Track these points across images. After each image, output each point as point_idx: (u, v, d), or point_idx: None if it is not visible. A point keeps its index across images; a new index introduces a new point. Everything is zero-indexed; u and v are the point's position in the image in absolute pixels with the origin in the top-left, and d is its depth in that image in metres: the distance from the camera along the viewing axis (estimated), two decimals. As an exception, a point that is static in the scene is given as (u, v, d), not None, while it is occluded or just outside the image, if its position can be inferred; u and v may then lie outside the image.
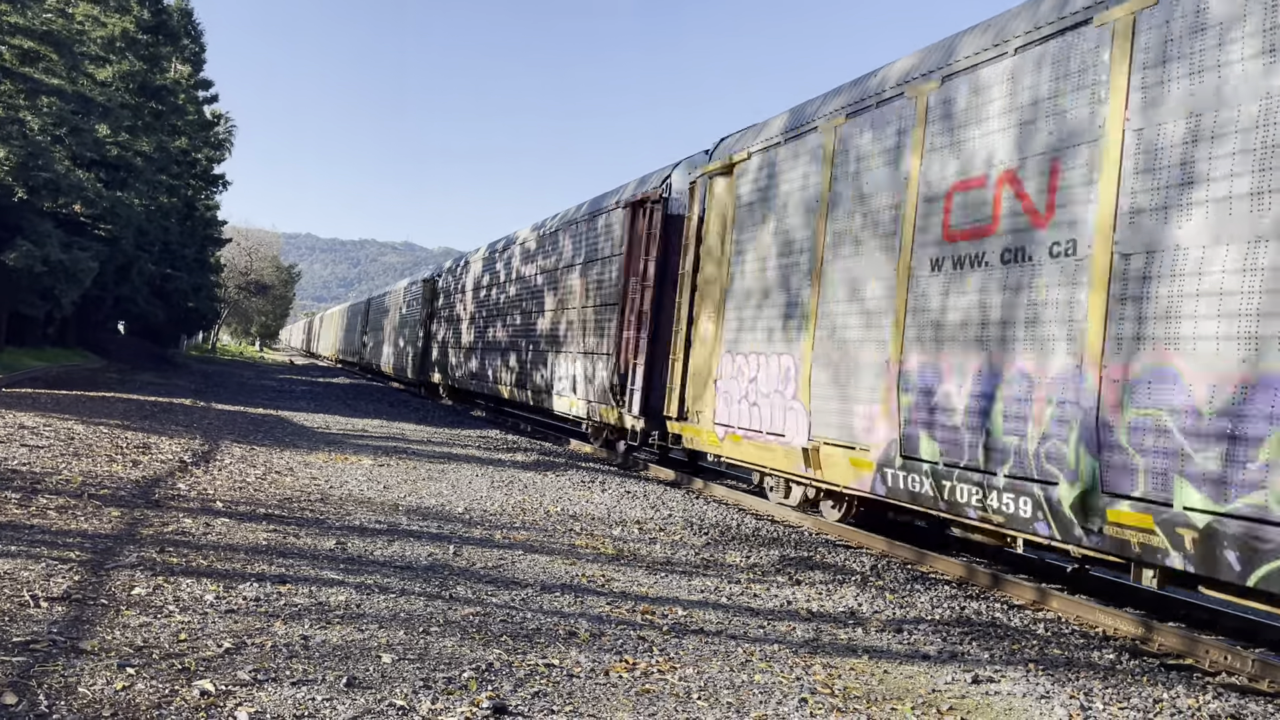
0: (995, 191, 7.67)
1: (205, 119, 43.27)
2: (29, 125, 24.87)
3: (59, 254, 24.82)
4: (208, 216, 48.22)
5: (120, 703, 3.89)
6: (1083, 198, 6.86)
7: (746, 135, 12.32)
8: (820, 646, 5.87)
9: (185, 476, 9.88)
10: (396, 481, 10.99)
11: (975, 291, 7.75)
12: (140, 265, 34.28)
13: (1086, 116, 6.93)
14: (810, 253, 10.17)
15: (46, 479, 8.78)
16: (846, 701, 4.84)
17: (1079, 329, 6.78)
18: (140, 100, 32.92)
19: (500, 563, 7.27)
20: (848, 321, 9.39)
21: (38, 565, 5.79)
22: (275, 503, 8.84)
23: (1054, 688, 5.40)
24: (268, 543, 7.13)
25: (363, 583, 6.20)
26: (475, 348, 25.49)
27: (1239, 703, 5.49)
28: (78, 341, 36.09)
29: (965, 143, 8.05)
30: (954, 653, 6.01)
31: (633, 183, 16.71)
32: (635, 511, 10.59)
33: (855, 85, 9.99)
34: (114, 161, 29.91)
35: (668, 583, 7.23)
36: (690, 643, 5.63)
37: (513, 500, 10.49)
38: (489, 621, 5.62)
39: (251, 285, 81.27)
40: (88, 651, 4.43)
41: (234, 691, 4.12)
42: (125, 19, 32.13)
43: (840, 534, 10.35)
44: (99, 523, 7.22)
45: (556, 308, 18.99)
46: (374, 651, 4.86)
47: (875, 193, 9.18)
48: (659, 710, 4.46)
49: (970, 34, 8.34)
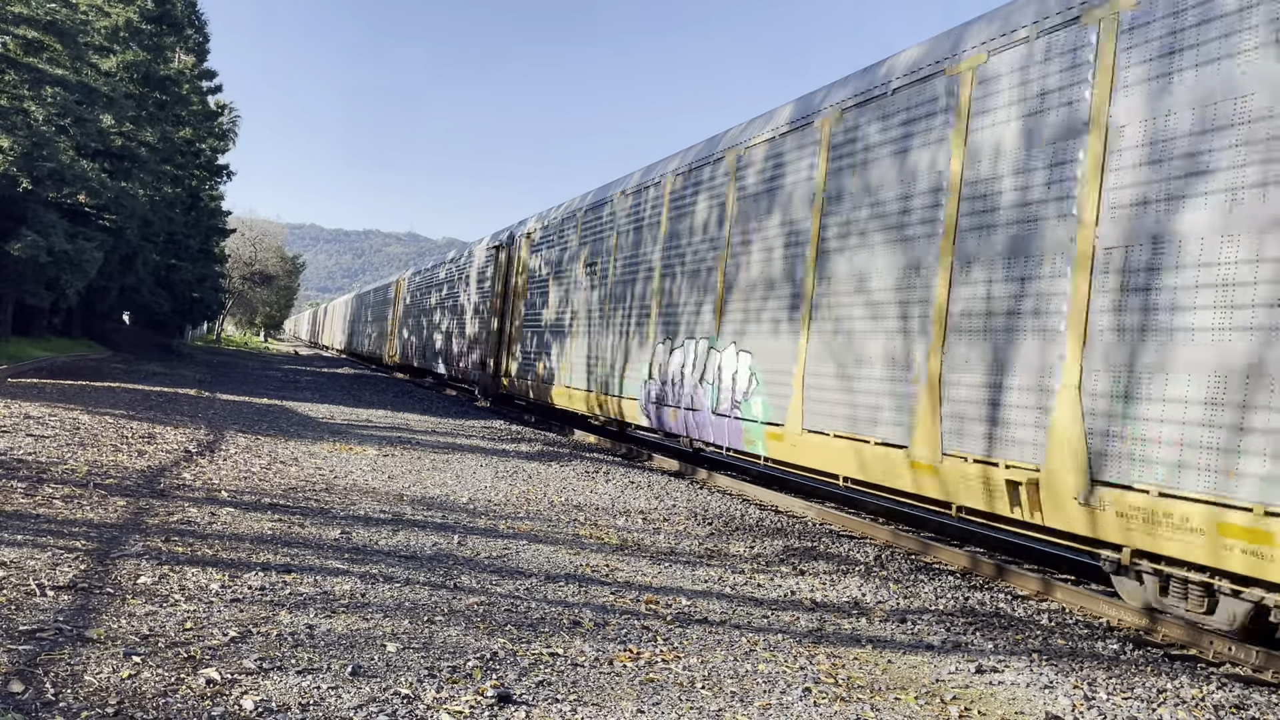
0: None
1: (209, 109, 43.21)
2: (33, 116, 24.85)
3: (64, 244, 24.84)
4: (212, 207, 48.22)
5: (126, 691, 3.90)
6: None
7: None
8: (824, 636, 5.88)
9: (190, 466, 9.90)
10: (401, 471, 11.01)
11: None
12: (145, 255, 34.30)
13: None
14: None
15: (52, 468, 8.80)
16: (850, 691, 4.85)
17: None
18: (144, 90, 32.89)
19: (504, 552, 7.28)
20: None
21: (44, 554, 5.81)
22: (280, 492, 8.86)
23: (1058, 678, 5.40)
24: (273, 532, 7.15)
25: (367, 572, 6.21)
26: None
27: (1243, 693, 5.49)
28: (83, 332, 36.15)
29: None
30: (958, 643, 6.01)
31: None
32: (639, 502, 10.60)
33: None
34: (118, 152, 29.91)
35: (671, 573, 7.24)
36: (694, 632, 5.64)
37: (517, 490, 10.50)
38: (493, 611, 5.64)
39: (256, 276, 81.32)
40: (94, 640, 4.44)
41: (239, 680, 4.14)
42: (129, 9, 32.08)
43: (844, 524, 10.35)
44: (104, 512, 7.24)
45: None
46: (379, 640, 4.87)
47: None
48: (663, 699, 4.47)
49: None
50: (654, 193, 14.53)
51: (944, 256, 8.11)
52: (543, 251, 20.02)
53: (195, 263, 43.79)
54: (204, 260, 46.38)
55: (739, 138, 12.21)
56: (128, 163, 30.48)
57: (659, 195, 14.35)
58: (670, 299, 13.53)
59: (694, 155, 13.46)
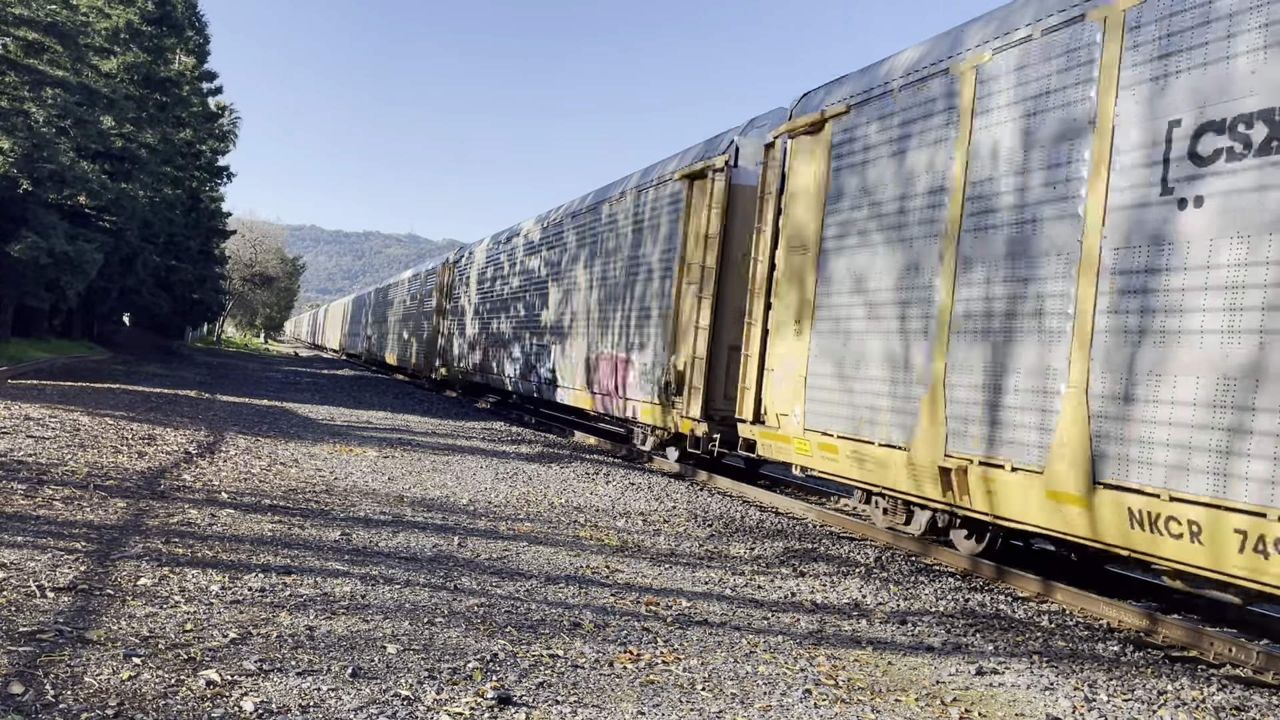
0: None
1: (210, 111, 43.21)
2: (34, 117, 24.85)
3: (64, 246, 24.84)
4: (212, 208, 48.24)
5: (126, 692, 3.90)
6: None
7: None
8: (824, 638, 5.88)
9: (190, 468, 9.90)
10: (401, 473, 11.01)
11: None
12: (145, 257, 34.31)
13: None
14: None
15: (52, 470, 8.80)
16: (851, 693, 4.85)
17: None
18: (145, 92, 32.89)
19: (505, 554, 7.28)
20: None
21: (44, 556, 5.81)
22: (280, 494, 8.86)
23: (1058, 679, 5.40)
24: (273, 534, 7.14)
25: (368, 574, 6.21)
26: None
27: (1243, 695, 5.48)
28: (83, 333, 36.15)
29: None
30: (958, 644, 6.01)
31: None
32: (639, 503, 10.60)
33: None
34: (119, 153, 29.91)
35: (672, 574, 7.23)
36: (694, 634, 5.64)
37: (517, 492, 10.50)
38: (493, 612, 5.63)
39: (256, 277, 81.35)
40: (94, 641, 4.44)
41: (240, 681, 4.14)
42: (129, 10, 32.09)
43: (844, 526, 10.35)
44: (105, 513, 7.24)
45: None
46: (379, 642, 4.87)
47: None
48: (663, 701, 4.47)
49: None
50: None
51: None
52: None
53: (195, 264, 43.80)
54: (204, 262, 46.40)
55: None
56: (128, 164, 30.48)
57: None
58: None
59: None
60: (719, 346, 12.77)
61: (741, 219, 12.62)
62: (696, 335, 12.92)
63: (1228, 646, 6.30)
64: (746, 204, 12.41)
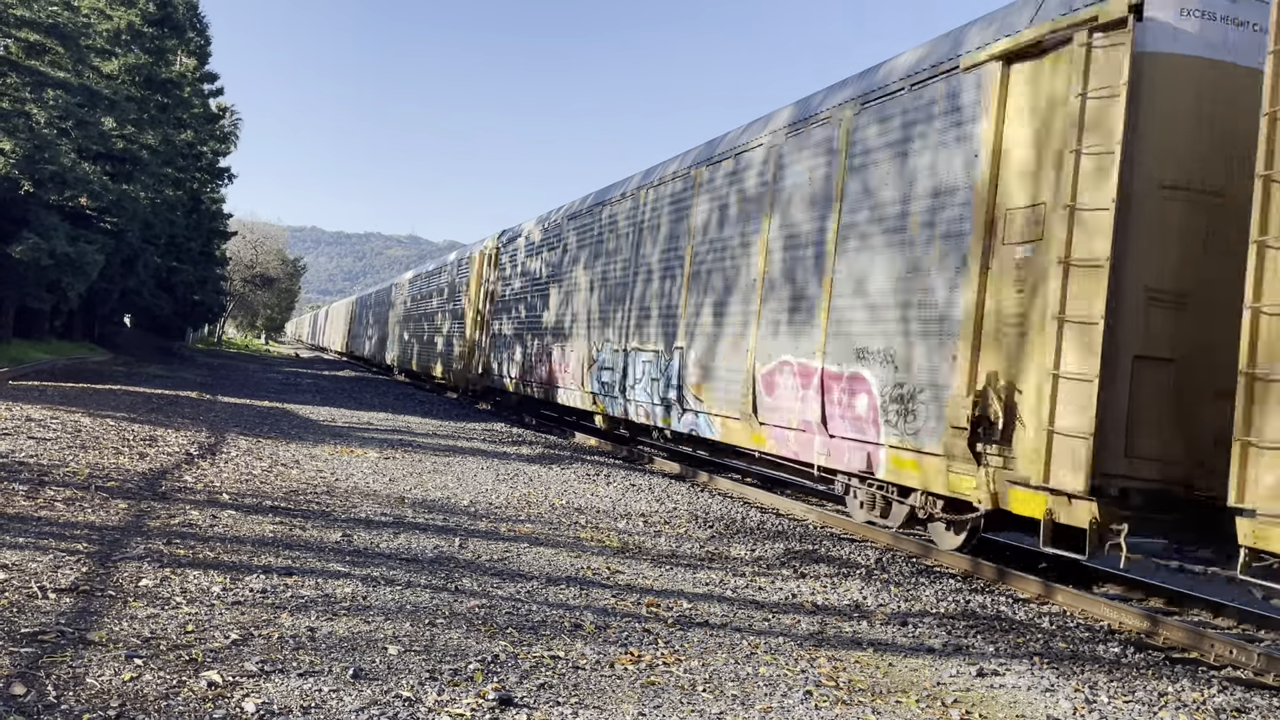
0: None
1: (211, 112, 43.25)
2: (35, 118, 24.88)
3: (65, 247, 24.86)
4: (213, 210, 48.27)
5: (128, 693, 3.90)
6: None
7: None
8: (825, 639, 5.88)
9: (191, 469, 9.91)
10: (402, 474, 11.01)
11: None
12: (146, 258, 34.32)
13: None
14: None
15: (53, 471, 8.81)
16: (851, 694, 4.85)
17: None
18: (146, 93, 32.91)
19: (505, 555, 7.28)
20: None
21: (45, 557, 5.82)
22: (281, 495, 8.87)
23: (1059, 681, 5.40)
24: (274, 535, 7.15)
25: (369, 575, 6.22)
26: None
27: (1244, 696, 5.49)
28: (84, 334, 36.17)
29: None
30: (959, 646, 6.01)
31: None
32: (640, 505, 10.60)
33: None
34: (120, 154, 29.93)
35: (672, 576, 7.24)
36: (695, 635, 5.64)
37: (518, 493, 10.50)
38: (494, 614, 5.64)
39: (257, 278, 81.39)
40: (95, 642, 4.45)
41: (241, 683, 4.14)
42: (131, 12, 32.12)
43: (845, 527, 10.35)
44: (106, 515, 7.25)
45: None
46: (380, 643, 4.87)
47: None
48: (664, 702, 4.47)
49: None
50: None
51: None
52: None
53: (196, 265, 43.83)
54: (205, 263, 46.42)
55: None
56: (129, 165, 30.51)
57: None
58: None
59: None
60: (1116, 355, 6.75)
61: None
62: (1063, 333, 6.86)
63: (1228, 648, 6.30)
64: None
